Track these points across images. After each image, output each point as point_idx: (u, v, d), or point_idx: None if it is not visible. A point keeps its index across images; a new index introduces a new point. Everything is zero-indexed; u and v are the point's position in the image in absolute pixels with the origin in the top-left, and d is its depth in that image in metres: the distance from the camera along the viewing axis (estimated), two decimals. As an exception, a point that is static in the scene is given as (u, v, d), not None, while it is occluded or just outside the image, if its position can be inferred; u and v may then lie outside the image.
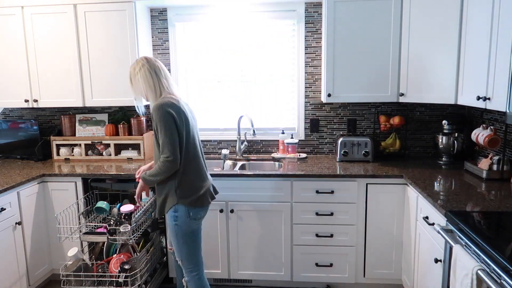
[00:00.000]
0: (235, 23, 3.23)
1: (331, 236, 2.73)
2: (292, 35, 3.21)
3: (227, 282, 2.97)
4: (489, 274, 1.40)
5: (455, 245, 1.65)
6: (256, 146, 3.38)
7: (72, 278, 2.46)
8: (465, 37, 2.40)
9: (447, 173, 2.64)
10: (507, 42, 1.91)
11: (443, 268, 1.90)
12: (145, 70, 2.13)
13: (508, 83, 1.86)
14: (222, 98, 3.37)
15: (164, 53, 3.31)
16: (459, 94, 2.48)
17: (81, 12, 2.95)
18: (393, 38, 2.76)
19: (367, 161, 3.02)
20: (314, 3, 3.12)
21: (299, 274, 2.81)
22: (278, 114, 3.35)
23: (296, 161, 3.11)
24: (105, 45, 2.99)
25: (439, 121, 3.14)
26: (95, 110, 3.43)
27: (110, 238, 2.45)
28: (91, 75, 3.04)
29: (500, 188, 2.26)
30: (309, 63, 3.21)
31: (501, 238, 1.57)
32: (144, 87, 2.15)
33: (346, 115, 3.25)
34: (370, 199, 2.68)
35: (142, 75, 2.13)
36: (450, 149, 2.88)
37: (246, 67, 3.30)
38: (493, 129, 2.48)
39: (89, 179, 2.89)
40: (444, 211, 1.90)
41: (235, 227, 2.80)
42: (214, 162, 3.30)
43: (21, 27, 2.95)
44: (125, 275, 2.43)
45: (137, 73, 2.15)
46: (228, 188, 2.75)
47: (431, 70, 2.62)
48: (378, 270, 2.76)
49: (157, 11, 3.26)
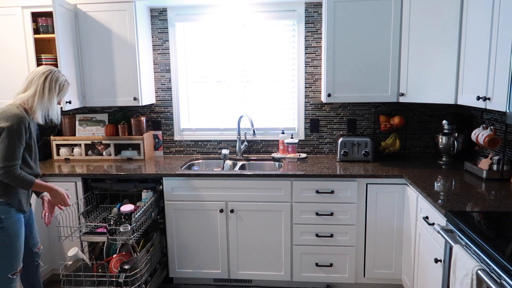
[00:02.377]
0: (235, 23, 3.23)
1: (331, 236, 2.73)
2: (292, 35, 3.21)
3: (227, 282, 2.97)
4: (489, 274, 1.40)
5: (455, 245, 1.65)
6: (256, 146, 3.38)
7: (72, 278, 2.46)
8: (465, 37, 2.40)
9: (447, 173, 2.64)
10: (507, 42, 1.91)
11: (443, 268, 1.90)
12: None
13: (508, 83, 1.86)
14: (222, 98, 3.37)
15: (164, 53, 3.31)
16: (459, 94, 2.48)
17: (81, 12, 2.95)
18: (393, 37, 2.76)
19: (367, 161, 3.03)
20: (314, 3, 3.12)
21: (299, 274, 2.82)
22: (278, 114, 3.35)
23: (296, 161, 3.11)
24: (105, 45, 2.99)
25: (439, 121, 3.14)
26: (95, 110, 3.43)
27: (110, 238, 2.46)
28: (91, 75, 3.04)
29: (500, 188, 2.26)
30: (309, 63, 3.21)
31: (501, 238, 1.57)
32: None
33: (346, 115, 3.25)
34: (370, 199, 2.68)
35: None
36: (450, 149, 2.88)
37: (246, 67, 3.30)
38: (493, 129, 2.48)
39: (89, 179, 2.89)
40: (444, 211, 1.90)
41: (235, 227, 2.81)
42: (214, 162, 3.31)
43: (21, 27, 2.95)
44: (125, 275, 2.44)
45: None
46: (228, 188, 2.75)
47: (431, 70, 2.62)
48: (378, 270, 2.76)
49: (157, 11, 3.26)
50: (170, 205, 2.81)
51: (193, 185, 2.77)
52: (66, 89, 2.24)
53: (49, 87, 2.13)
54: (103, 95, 3.06)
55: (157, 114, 3.40)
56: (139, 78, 3.02)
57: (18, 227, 2.11)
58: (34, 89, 2.11)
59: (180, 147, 3.43)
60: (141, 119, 3.26)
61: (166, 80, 3.34)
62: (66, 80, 2.23)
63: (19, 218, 2.12)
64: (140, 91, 3.03)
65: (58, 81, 2.17)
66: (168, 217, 2.83)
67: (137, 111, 3.40)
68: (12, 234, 2.07)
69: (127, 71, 3.01)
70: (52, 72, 2.16)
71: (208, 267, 2.88)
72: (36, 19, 3.00)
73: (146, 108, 3.39)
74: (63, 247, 2.94)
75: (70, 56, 2.91)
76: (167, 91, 3.36)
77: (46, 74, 2.14)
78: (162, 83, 3.35)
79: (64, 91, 2.23)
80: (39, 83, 2.11)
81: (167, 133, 3.42)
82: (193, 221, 2.82)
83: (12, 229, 2.07)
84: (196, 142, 3.41)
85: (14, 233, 2.08)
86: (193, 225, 2.83)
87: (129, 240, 2.45)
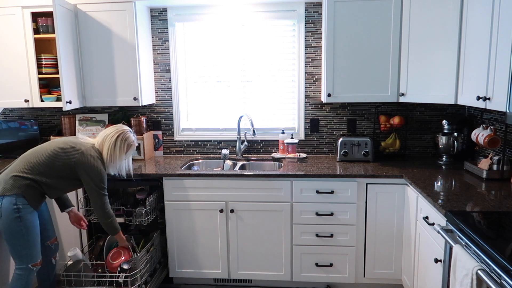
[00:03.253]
0: (235, 23, 3.23)
1: (331, 236, 2.73)
2: (292, 35, 3.21)
3: (227, 282, 2.97)
4: (489, 274, 1.40)
5: (455, 245, 1.65)
6: (256, 146, 3.38)
7: (72, 278, 2.46)
8: (465, 37, 2.39)
9: (447, 173, 2.64)
10: (507, 42, 1.91)
11: (443, 268, 1.90)
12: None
13: (508, 83, 1.86)
14: (222, 98, 3.37)
15: (164, 53, 3.31)
16: (459, 94, 2.48)
17: (81, 12, 2.95)
18: (393, 37, 2.76)
19: (367, 161, 3.03)
20: (314, 3, 3.12)
21: (299, 274, 2.82)
22: (278, 114, 3.35)
23: (296, 161, 3.11)
24: (105, 45, 2.99)
25: (439, 121, 3.14)
26: (95, 110, 3.43)
27: (127, 219, 2.74)
28: (92, 75, 3.04)
29: (500, 188, 2.26)
30: (309, 63, 3.21)
31: (501, 238, 1.57)
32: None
33: (346, 115, 3.25)
34: (370, 199, 2.68)
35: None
36: (450, 149, 2.88)
37: (246, 67, 3.30)
38: (493, 129, 2.48)
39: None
40: (444, 211, 1.90)
41: (235, 227, 2.80)
42: (214, 162, 3.31)
43: (21, 27, 2.95)
44: (125, 275, 2.44)
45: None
46: (228, 188, 2.75)
47: (431, 70, 2.62)
48: (378, 270, 2.76)
49: (157, 11, 3.26)
50: (170, 205, 2.81)
51: (193, 185, 2.77)
52: (133, 148, 2.48)
53: (120, 146, 2.39)
54: (103, 95, 3.06)
55: (157, 114, 3.40)
56: (139, 78, 3.02)
57: (34, 218, 2.24)
58: (107, 147, 2.37)
59: (180, 147, 3.43)
60: (141, 119, 3.26)
61: (166, 80, 3.34)
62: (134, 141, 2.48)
63: (33, 211, 2.25)
64: (140, 91, 3.03)
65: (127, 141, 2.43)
66: (168, 217, 2.83)
67: (137, 111, 3.40)
68: (28, 224, 2.20)
69: (127, 71, 3.01)
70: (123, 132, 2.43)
71: (208, 267, 2.88)
72: (36, 19, 3.00)
73: (146, 108, 3.39)
74: (63, 247, 2.93)
75: (70, 56, 2.90)
76: (167, 91, 3.36)
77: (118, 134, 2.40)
78: (162, 83, 3.35)
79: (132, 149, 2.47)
80: (111, 141, 2.37)
81: (167, 133, 3.42)
82: (193, 221, 2.82)
83: (28, 219, 2.20)
84: (196, 142, 3.41)
85: (31, 223, 2.21)
86: (193, 225, 2.83)
87: (143, 222, 2.69)
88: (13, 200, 2.14)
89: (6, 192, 2.15)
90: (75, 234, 2.92)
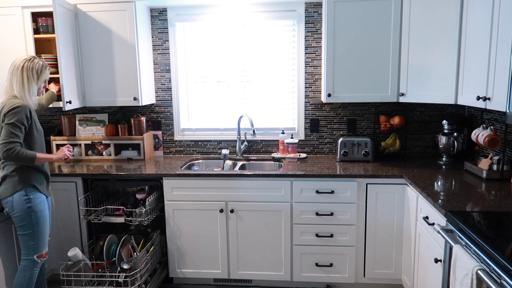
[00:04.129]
0: (235, 23, 3.23)
1: (331, 236, 2.73)
2: (292, 35, 3.21)
3: (227, 282, 2.97)
4: (489, 274, 1.40)
5: (455, 245, 1.65)
6: (256, 146, 3.38)
7: (72, 278, 2.46)
8: (465, 37, 2.39)
9: (447, 173, 2.64)
10: (507, 42, 1.91)
11: (443, 268, 1.91)
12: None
13: (508, 83, 1.86)
14: (222, 98, 3.37)
15: (164, 53, 3.31)
16: (459, 94, 2.48)
17: (81, 12, 2.95)
18: (393, 38, 2.76)
19: (367, 161, 3.03)
20: (314, 3, 3.12)
21: (299, 274, 2.82)
22: (278, 114, 3.35)
23: (296, 161, 3.11)
24: (105, 45, 2.99)
25: (439, 121, 3.14)
26: (95, 110, 3.43)
27: (127, 219, 2.73)
28: (91, 75, 3.04)
29: (500, 188, 2.26)
30: (309, 63, 3.21)
31: (501, 238, 1.57)
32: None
33: (346, 115, 3.25)
34: (370, 199, 2.68)
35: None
36: (450, 149, 2.88)
37: (246, 67, 3.30)
38: (493, 129, 2.48)
39: (89, 179, 2.89)
40: (444, 211, 1.90)
41: (235, 227, 2.81)
42: (214, 162, 3.31)
43: (21, 27, 2.95)
44: (125, 275, 2.44)
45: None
46: (228, 188, 2.75)
47: (431, 70, 2.62)
48: (378, 270, 2.76)
49: (157, 11, 3.26)
50: (170, 205, 2.81)
51: (193, 185, 2.77)
52: (45, 73, 2.35)
53: (27, 76, 2.26)
54: (103, 95, 3.06)
55: (157, 114, 3.40)
56: (139, 78, 3.02)
57: (44, 208, 2.31)
58: (15, 81, 2.25)
59: (180, 147, 3.43)
60: (141, 119, 3.26)
61: (166, 80, 3.34)
62: (43, 65, 2.33)
63: (44, 199, 2.31)
64: (140, 91, 3.03)
65: (34, 69, 2.29)
66: (168, 217, 2.83)
67: (137, 111, 3.40)
68: (39, 214, 2.25)
69: (127, 71, 3.01)
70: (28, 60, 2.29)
71: (208, 267, 2.88)
72: (36, 19, 3.00)
73: (146, 108, 3.39)
74: (63, 247, 2.93)
75: (70, 56, 2.91)
76: (167, 91, 3.36)
77: (22, 65, 2.26)
78: (162, 83, 3.35)
79: (43, 75, 2.34)
80: (17, 74, 2.25)
81: (167, 133, 3.42)
82: (193, 221, 2.82)
83: (39, 209, 2.25)
84: (196, 142, 3.41)
85: (41, 213, 2.26)
86: (193, 225, 2.83)
87: (144, 222, 2.70)
88: (22, 192, 2.22)
89: (16, 189, 2.22)
90: (75, 234, 2.91)
